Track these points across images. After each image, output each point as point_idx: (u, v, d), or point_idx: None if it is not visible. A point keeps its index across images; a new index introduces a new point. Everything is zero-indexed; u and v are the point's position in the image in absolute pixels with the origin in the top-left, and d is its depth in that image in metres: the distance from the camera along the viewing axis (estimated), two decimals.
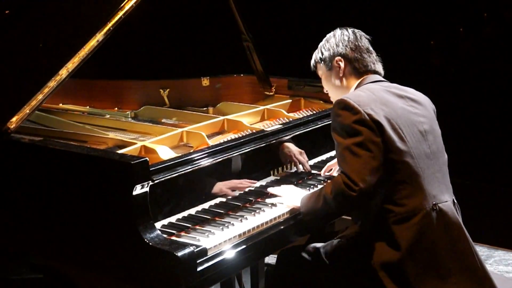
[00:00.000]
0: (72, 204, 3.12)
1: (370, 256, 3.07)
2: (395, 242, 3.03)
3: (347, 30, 3.40)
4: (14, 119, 3.39)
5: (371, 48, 3.38)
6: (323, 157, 4.00)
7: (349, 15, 6.16)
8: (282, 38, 6.33)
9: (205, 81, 4.70)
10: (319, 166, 3.89)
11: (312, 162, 3.91)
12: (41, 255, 3.36)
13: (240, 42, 4.51)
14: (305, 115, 4.20)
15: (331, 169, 3.77)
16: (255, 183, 3.56)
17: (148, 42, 6.08)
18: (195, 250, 2.83)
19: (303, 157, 3.79)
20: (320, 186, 3.59)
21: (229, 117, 4.03)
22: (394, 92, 3.22)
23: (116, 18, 3.47)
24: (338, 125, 3.09)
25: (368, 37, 3.40)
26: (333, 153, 4.01)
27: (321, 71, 3.45)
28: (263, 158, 3.64)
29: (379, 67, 3.38)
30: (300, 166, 3.77)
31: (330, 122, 3.15)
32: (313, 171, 3.82)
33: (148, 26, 5.78)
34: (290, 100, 4.45)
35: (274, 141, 3.63)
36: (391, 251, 3.03)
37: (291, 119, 4.02)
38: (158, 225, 3.04)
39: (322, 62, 3.41)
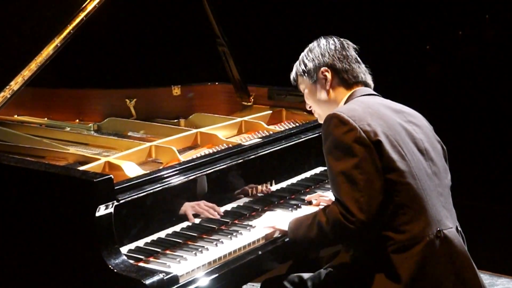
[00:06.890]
0: (28, 227, 3.13)
1: None
2: (395, 273, 2.99)
3: (332, 38, 3.37)
4: None
5: (359, 59, 3.36)
6: (307, 174, 4.03)
7: (337, 17, 6.21)
8: (261, 42, 6.35)
9: (176, 90, 4.71)
10: (302, 184, 3.93)
11: (295, 180, 3.94)
12: None
13: (214, 47, 4.53)
14: (287, 127, 4.22)
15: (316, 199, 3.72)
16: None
17: (112, 46, 6.09)
18: (165, 278, 2.85)
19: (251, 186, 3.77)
20: (303, 207, 3.64)
21: (202, 130, 4.04)
22: (390, 107, 3.21)
23: (77, 20, 3.50)
24: (332, 144, 3.04)
25: (356, 46, 3.38)
26: (318, 170, 4.05)
27: (304, 84, 3.41)
28: (240, 176, 3.67)
29: (369, 78, 3.35)
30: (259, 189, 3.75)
31: (315, 136, 3.16)
32: (297, 188, 3.88)
33: (112, 28, 5.79)
34: (271, 111, 4.47)
35: (253, 156, 3.66)
36: (391, 283, 3.00)
37: (271, 132, 4.04)
38: (124, 249, 3.06)
39: (306, 74, 3.36)
